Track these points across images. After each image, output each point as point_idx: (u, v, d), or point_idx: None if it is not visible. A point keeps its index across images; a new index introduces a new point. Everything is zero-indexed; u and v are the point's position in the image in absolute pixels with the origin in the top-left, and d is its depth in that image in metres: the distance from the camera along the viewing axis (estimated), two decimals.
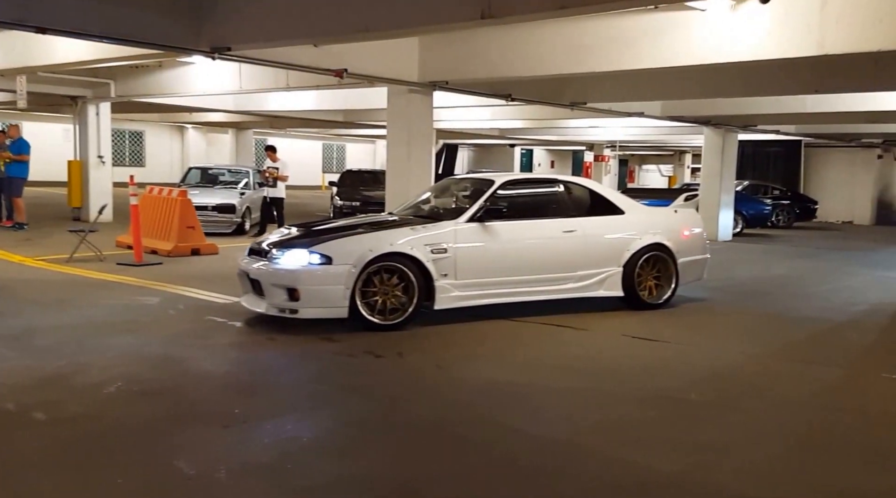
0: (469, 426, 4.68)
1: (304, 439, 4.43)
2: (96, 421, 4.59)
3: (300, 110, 19.00)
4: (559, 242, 7.98)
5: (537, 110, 17.05)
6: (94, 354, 6.08)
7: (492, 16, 6.54)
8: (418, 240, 7.23)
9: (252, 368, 5.96)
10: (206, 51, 8.87)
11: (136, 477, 3.78)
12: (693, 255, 8.80)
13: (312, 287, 6.90)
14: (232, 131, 31.13)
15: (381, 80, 11.04)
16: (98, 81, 16.03)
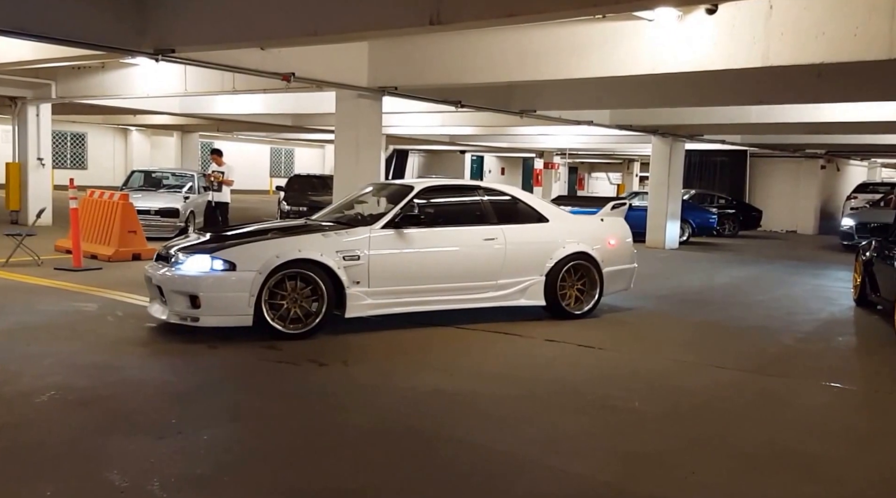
0: (411, 436, 4.66)
1: (241, 450, 4.35)
2: (26, 431, 4.48)
3: (247, 114, 18.81)
4: (479, 250, 7.84)
5: (488, 117, 17.17)
6: (27, 361, 5.93)
7: (440, 22, 6.54)
8: (329, 246, 7.05)
9: (191, 377, 5.85)
10: (149, 52, 8.74)
11: (66, 489, 3.70)
12: (619, 264, 8.68)
13: (214, 294, 6.69)
14: (177, 134, 30.67)
15: (329, 84, 11.04)
16: (39, 82, 15.67)
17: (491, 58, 9.85)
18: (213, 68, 10.56)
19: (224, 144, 29.89)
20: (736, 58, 8.12)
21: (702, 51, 8.35)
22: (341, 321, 7.22)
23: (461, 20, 6.69)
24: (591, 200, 19.68)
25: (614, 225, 8.88)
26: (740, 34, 8.03)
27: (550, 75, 9.56)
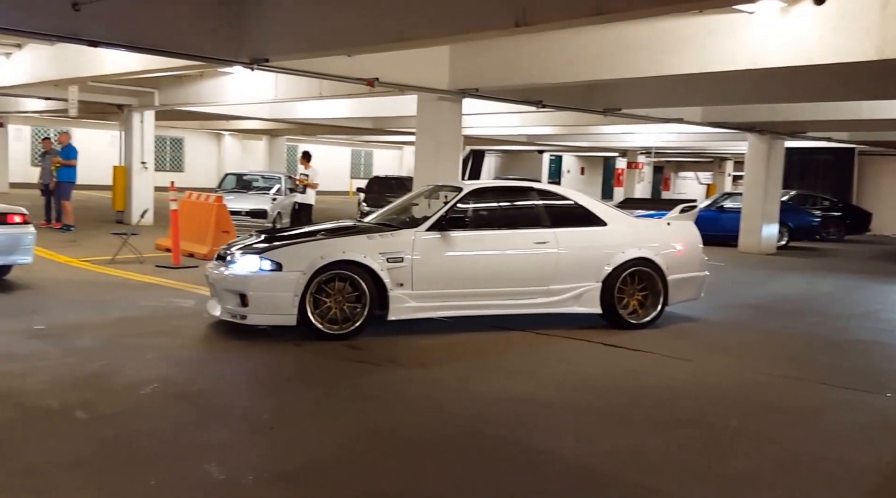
0: (490, 444, 4.65)
1: (329, 449, 4.47)
2: (132, 421, 4.79)
3: (331, 118, 19.44)
4: (529, 254, 7.62)
5: (568, 116, 16.96)
6: (131, 354, 6.35)
7: (527, 23, 6.54)
8: (373, 248, 7.07)
9: (280, 373, 6.11)
10: (245, 62, 9.29)
11: (169, 478, 3.93)
12: (687, 272, 8.22)
13: (261, 293, 6.86)
14: (266, 138, 31.86)
15: (411, 88, 11.28)
16: (143, 91, 16.66)
17: (574, 56, 9.74)
18: (303, 75, 11.09)
19: (307, 147, 30.80)
20: (846, 51, 7.64)
21: (807, 44, 7.92)
22: (409, 324, 7.33)
23: (548, 20, 6.68)
24: (665, 203, 18.74)
25: (682, 229, 8.41)
26: (850, 26, 7.56)
27: (637, 73, 9.35)
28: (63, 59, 12.66)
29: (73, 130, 18.42)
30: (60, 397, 5.16)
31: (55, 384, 5.46)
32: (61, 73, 12.97)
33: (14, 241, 8.94)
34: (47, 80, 13.76)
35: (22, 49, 13.86)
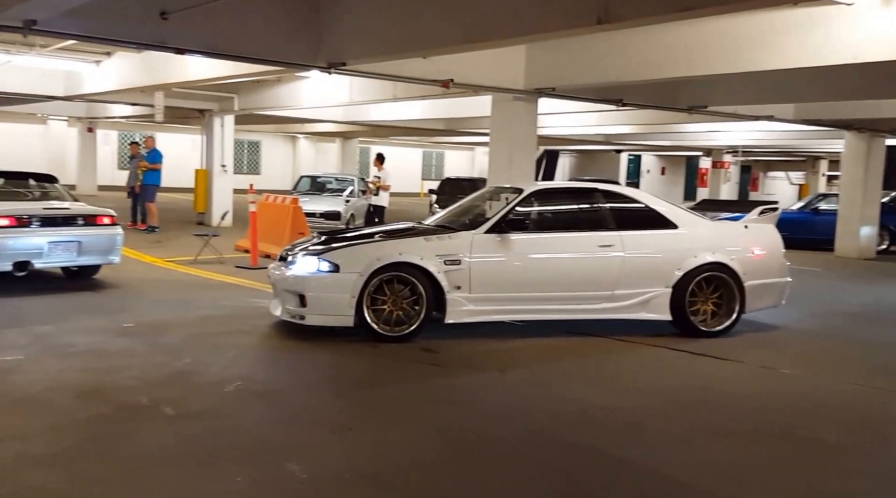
0: (572, 453, 4.58)
1: (407, 452, 4.47)
2: (217, 418, 4.90)
3: (404, 119, 19.59)
4: (592, 258, 7.43)
5: (649, 115, 16.65)
6: (214, 352, 6.52)
7: (609, 21, 6.45)
8: (430, 250, 7.03)
9: (356, 374, 6.17)
10: (323, 66, 9.48)
11: (253, 476, 4.00)
12: (766, 277, 7.85)
13: (319, 294, 6.92)
14: (339, 140, 32.41)
15: (486, 88, 11.28)
16: (224, 96, 17.14)
17: (656, 53, 9.54)
18: (377, 78, 11.24)
19: (380, 149, 31.16)
20: None
21: None
22: (481, 327, 7.30)
23: (632, 17, 6.57)
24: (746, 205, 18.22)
25: (761, 233, 8.04)
26: None
27: (726, 69, 9.09)
28: (149, 67, 13.13)
29: (157, 135, 19.01)
30: (149, 394, 5.34)
31: (144, 381, 5.65)
32: (148, 79, 13.47)
33: (103, 242, 9.31)
34: (134, 86, 14.31)
35: (111, 57, 14.43)
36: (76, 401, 5.14)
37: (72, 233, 9.01)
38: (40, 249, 8.76)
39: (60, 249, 8.93)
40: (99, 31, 8.40)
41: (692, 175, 38.55)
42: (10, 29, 7.81)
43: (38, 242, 8.75)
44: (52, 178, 10.34)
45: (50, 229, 8.85)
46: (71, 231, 9.02)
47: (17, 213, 8.76)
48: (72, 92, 16.55)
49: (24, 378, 5.58)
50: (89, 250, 9.17)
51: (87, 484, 3.87)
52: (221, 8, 7.35)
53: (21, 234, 8.65)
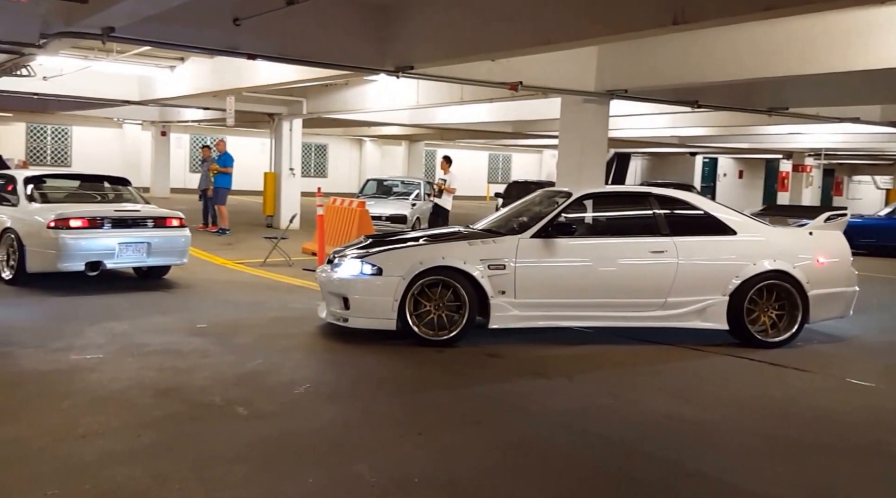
0: (643, 462, 4.49)
1: (477, 458, 4.45)
2: (288, 420, 4.96)
3: (471, 122, 19.59)
4: (644, 264, 7.24)
5: (726, 116, 16.32)
6: (284, 354, 6.61)
7: (685, 21, 6.35)
8: (474, 254, 6.96)
9: (424, 378, 6.16)
10: (391, 70, 9.54)
11: (324, 479, 4.04)
12: (831, 286, 7.52)
13: (362, 297, 6.94)
14: (405, 143, 32.60)
15: (555, 90, 11.14)
16: (292, 100, 17.43)
17: (733, 53, 9.34)
18: (445, 81, 11.25)
19: (446, 152, 31.27)
20: None
21: None
22: (535, 333, 7.23)
23: (710, 18, 6.45)
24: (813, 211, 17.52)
25: (826, 240, 7.69)
26: None
27: (808, 69, 8.84)
28: (221, 72, 13.44)
29: (227, 138, 19.44)
30: (223, 393, 5.42)
31: (217, 380, 5.74)
32: (220, 84, 13.77)
33: (172, 243, 9.57)
34: (206, 91, 14.65)
35: (184, 62, 14.81)
36: (153, 399, 5.24)
37: (142, 234, 9.27)
38: (112, 250, 9.03)
39: (131, 250, 9.19)
40: (174, 37, 8.61)
41: (772, 179, 37.30)
42: (90, 36, 8.06)
43: (110, 243, 9.02)
44: (125, 180, 10.66)
45: (121, 231, 9.14)
46: (141, 232, 9.28)
47: (90, 215, 9.07)
48: (146, 96, 17.07)
49: (104, 377, 5.73)
50: (158, 251, 9.42)
51: (165, 482, 3.94)
52: (292, 14, 7.43)
53: (93, 235, 8.94)
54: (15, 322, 7.34)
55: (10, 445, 4.31)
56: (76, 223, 8.85)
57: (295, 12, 7.41)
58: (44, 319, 7.53)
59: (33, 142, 29.31)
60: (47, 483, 3.84)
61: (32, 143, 29.28)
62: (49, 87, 15.25)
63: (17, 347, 6.39)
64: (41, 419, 4.75)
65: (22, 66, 11.31)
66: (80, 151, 29.67)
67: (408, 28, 9.05)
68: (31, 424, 4.67)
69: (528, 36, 7.84)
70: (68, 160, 29.50)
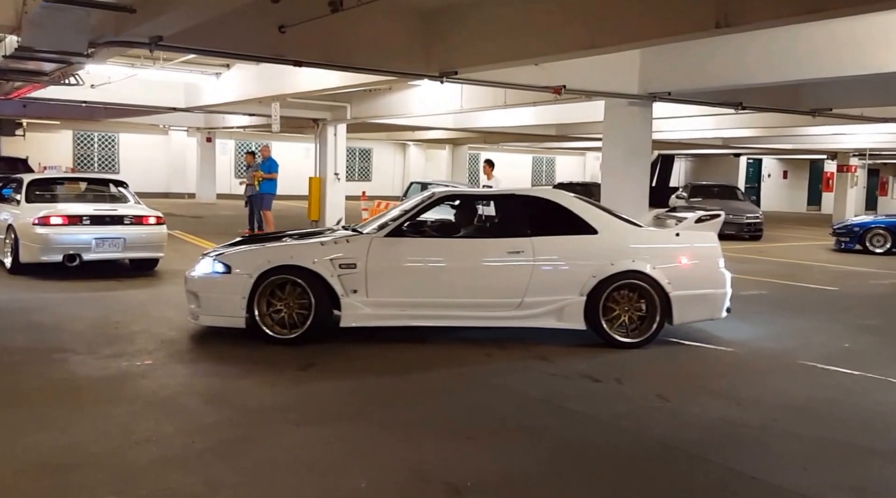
0: (701, 469, 4.47)
1: (529, 463, 4.45)
2: (339, 423, 5.04)
3: (514, 126, 19.55)
4: (500, 264, 7.15)
5: (770, 118, 16.12)
6: (338, 356, 6.72)
7: (728, 24, 6.33)
8: (324, 253, 6.95)
9: (473, 382, 6.12)
10: (434, 75, 9.56)
11: (378, 482, 4.10)
12: (697, 288, 7.33)
13: (210, 295, 7.06)
14: (448, 147, 32.60)
15: (599, 94, 11.13)
16: (337, 105, 17.54)
17: (776, 55, 9.27)
18: (488, 86, 11.24)
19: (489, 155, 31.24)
20: None
21: None
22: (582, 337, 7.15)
23: (753, 21, 6.41)
24: None
25: (693, 241, 7.51)
26: None
27: (851, 71, 8.75)
28: (266, 78, 13.58)
29: (271, 144, 19.66)
30: (272, 398, 5.48)
31: (266, 385, 5.79)
32: (265, 90, 13.93)
33: (146, 238, 10.63)
34: (252, 97, 14.83)
35: (230, 69, 15.00)
36: (204, 405, 5.32)
37: (117, 230, 10.36)
38: (88, 244, 10.15)
39: (107, 245, 10.29)
40: (220, 45, 8.73)
41: (816, 179, 36.78)
42: (138, 45, 8.19)
43: (86, 238, 10.15)
44: (123, 183, 11.88)
45: (98, 227, 10.26)
46: (117, 229, 10.37)
47: (69, 213, 10.28)
48: (192, 103, 17.33)
49: (154, 383, 5.82)
50: (134, 246, 10.52)
51: (219, 488, 3.98)
52: (336, 20, 7.47)
53: (71, 231, 10.12)
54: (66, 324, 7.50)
55: (66, 452, 4.39)
56: (56, 220, 10.07)
57: (340, 19, 7.44)
58: (90, 324, 7.64)
59: (80, 149, 29.98)
60: (104, 489, 3.91)
61: (80, 150, 29.95)
62: (97, 94, 15.54)
63: (70, 353, 6.51)
64: (96, 425, 4.84)
65: (70, 74, 11.55)
66: (126, 158, 30.26)
67: (452, 33, 9.05)
68: (87, 430, 4.75)
69: (573, 40, 7.82)
70: (115, 167, 30.11)
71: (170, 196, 29.01)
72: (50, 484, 3.97)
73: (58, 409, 5.14)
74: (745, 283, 12.12)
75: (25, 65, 10.35)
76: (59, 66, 10.27)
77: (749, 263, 14.54)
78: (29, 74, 11.43)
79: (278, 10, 7.62)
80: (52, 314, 8.01)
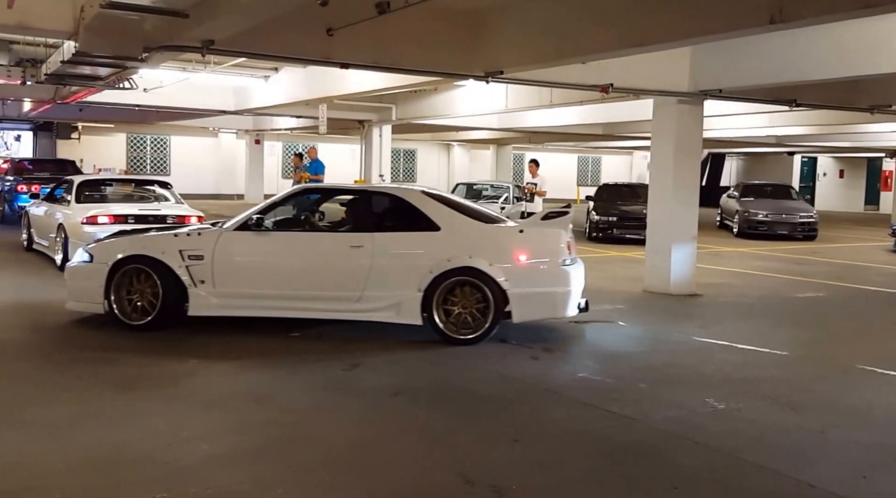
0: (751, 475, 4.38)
1: (576, 468, 4.44)
2: (383, 423, 5.06)
3: (560, 125, 19.44)
4: (341, 258, 7.31)
5: (826, 115, 15.80)
6: (382, 356, 6.72)
7: (783, 20, 6.20)
8: (174, 245, 7.31)
9: (519, 384, 6.06)
10: (480, 75, 9.53)
11: (423, 482, 4.12)
12: (536, 286, 7.19)
13: (76, 282, 7.61)
14: (493, 147, 32.57)
15: (647, 92, 10.94)
16: (382, 106, 17.67)
17: (834, 51, 9.00)
18: (534, 85, 11.17)
19: (534, 155, 31.09)
20: None
21: None
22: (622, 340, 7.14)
23: (808, 16, 6.29)
24: None
25: (534, 238, 7.43)
26: None
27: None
28: (313, 80, 13.72)
29: (317, 145, 19.85)
30: (314, 396, 5.54)
31: (310, 386, 5.84)
32: (312, 93, 14.08)
33: None
34: (300, 100, 14.98)
35: (278, 72, 15.18)
36: (253, 404, 5.37)
37: None
38: None
39: None
40: (270, 48, 8.82)
41: (874, 178, 35.74)
42: (191, 49, 8.32)
43: None
44: (167, 184, 12.48)
45: (142, 226, 10.23)
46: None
47: (115, 213, 10.77)
48: (241, 106, 17.59)
49: (204, 381, 5.92)
50: None
51: (268, 486, 4.01)
52: (383, 23, 7.49)
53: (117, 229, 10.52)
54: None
55: (119, 449, 4.47)
56: (103, 219, 10.58)
57: (386, 21, 7.46)
58: None
59: (134, 152, 30.64)
60: (155, 486, 3.97)
61: (133, 152, 30.61)
62: (149, 98, 15.89)
63: (123, 353, 6.65)
64: (147, 423, 4.92)
65: (125, 79, 11.81)
66: (177, 160, 30.83)
67: (498, 33, 9.02)
68: (138, 428, 4.84)
69: (621, 38, 7.71)
70: (167, 169, 30.70)
71: (219, 197, 29.49)
72: (101, 480, 4.05)
73: (111, 407, 5.25)
74: (799, 285, 11.89)
75: (82, 70, 10.60)
76: (114, 70, 10.50)
77: (803, 265, 14.24)
78: (85, 79, 11.73)
79: (326, 13, 7.65)
80: None
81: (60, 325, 7.63)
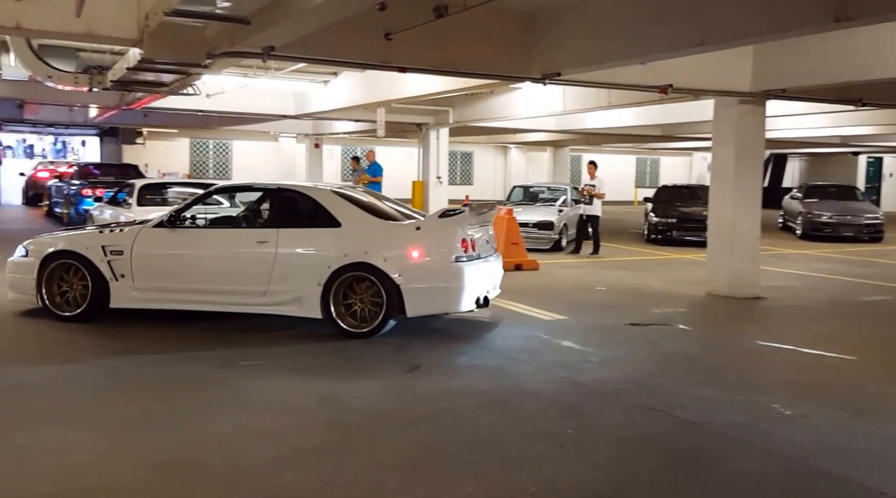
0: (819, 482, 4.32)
1: (638, 473, 4.39)
2: (446, 427, 5.07)
3: (618, 127, 19.24)
4: (247, 254, 7.59)
5: (892, 114, 15.39)
6: (435, 361, 6.75)
7: (848, 18, 6.09)
8: (97, 241, 7.76)
9: (577, 389, 6.04)
10: (537, 78, 9.49)
11: (485, 487, 4.10)
12: (428, 282, 7.28)
13: (15, 275, 8.10)
14: (550, 149, 32.35)
15: (708, 92, 10.75)
16: (439, 109, 17.75)
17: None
18: (592, 86, 11.07)
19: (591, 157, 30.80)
20: None
21: None
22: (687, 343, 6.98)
23: (874, 14, 6.17)
24: None
25: (429, 235, 7.47)
26: None
27: None
28: (372, 85, 13.85)
29: (375, 148, 20.03)
30: (377, 400, 5.60)
31: (372, 389, 5.90)
32: (371, 97, 14.21)
33: None
34: (358, 104, 15.14)
35: (337, 77, 15.37)
36: (317, 405, 5.46)
37: None
38: None
39: None
40: (330, 53, 8.93)
41: None
42: (252, 55, 8.49)
43: None
44: None
45: None
46: None
47: None
48: (301, 111, 17.85)
49: (265, 382, 6.02)
50: None
51: (331, 486, 4.08)
52: (441, 26, 7.53)
53: None
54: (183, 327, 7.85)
55: (182, 448, 4.59)
56: None
57: (444, 25, 7.50)
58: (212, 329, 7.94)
59: (196, 156, 31.40)
60: (219, 485, 4.07)
61: (196, 157, 31.38)
62: (211, 104, 16.21)
63: (188, 352, 6.82)
64: (211, 423, 5.03)
65: (188, 85, 12.08)
66: (239, 164, 31.48)
67: (555, 35, 8.97)
68: (202, 428, 4.95)
69: (681, 38, 7.58)
70: (228, 172, 31.36)
71: None
72: (166, 480, 4.15)
73: (175, 406, 5.39)
74: (865, 288, 11.55)
75: (146, 76, 10.89)
76: (177, 76, 10.76)
77: (869, 267, 13.83)
78: (150, 85, 12.04)
79: (385, 18, 7.74)
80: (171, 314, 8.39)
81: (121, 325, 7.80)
